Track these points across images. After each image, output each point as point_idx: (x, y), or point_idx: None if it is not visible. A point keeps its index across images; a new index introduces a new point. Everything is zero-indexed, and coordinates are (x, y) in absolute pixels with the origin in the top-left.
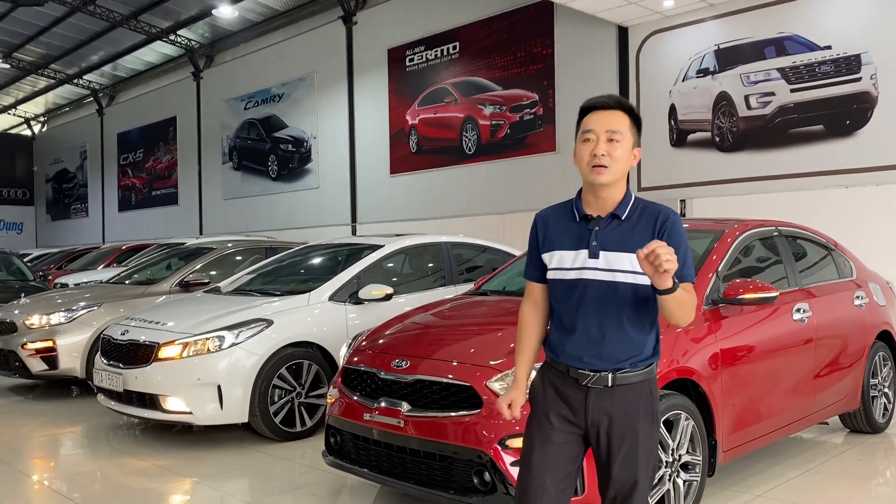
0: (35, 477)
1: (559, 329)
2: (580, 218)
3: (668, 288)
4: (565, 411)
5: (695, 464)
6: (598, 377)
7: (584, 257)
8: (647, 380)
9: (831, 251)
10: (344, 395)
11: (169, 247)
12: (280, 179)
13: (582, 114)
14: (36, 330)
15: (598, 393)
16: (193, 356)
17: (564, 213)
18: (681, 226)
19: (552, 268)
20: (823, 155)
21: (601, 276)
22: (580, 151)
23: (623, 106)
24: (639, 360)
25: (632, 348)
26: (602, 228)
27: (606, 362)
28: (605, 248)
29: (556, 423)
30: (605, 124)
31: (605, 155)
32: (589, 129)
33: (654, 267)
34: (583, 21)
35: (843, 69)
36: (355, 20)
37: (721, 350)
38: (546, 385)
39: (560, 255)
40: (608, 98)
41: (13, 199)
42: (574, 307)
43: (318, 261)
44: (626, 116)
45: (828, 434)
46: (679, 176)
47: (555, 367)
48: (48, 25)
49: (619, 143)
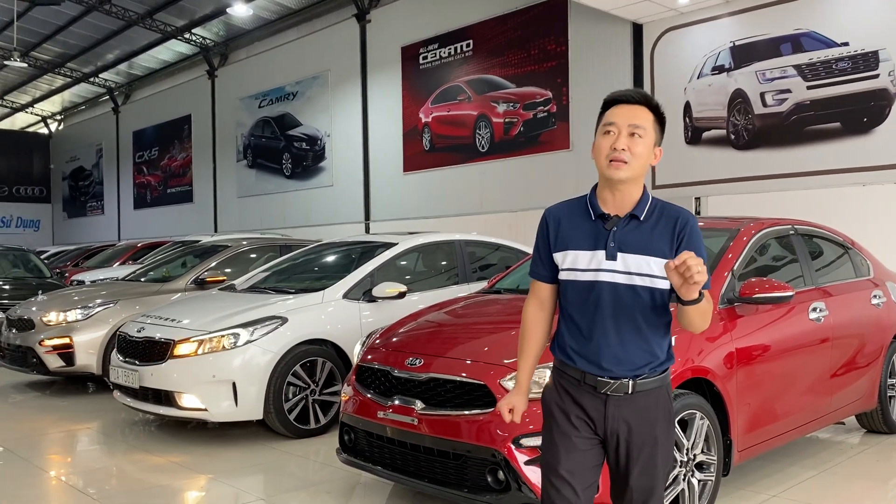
0: (52, 472)
1: (573, 333)
2: (596, 216)
3: (695, 299)
4: (585, 418)
5: (710, 463)
6: (619, 384)
7: (601, 258)
8: (663, 385)
9: (848, 250)
10: (358, 393)
11: (184, 244)
12: (294, 177)
13: (605, 107)
14: (53, 327)
15: (618, 401)
16: (209, 353)
17: (578, 211)
18: (699, 231)
19: (565, 268)
20: (840, 153)
21: (619, 278)
22: (599, 144)
23: (649, 102)
24: (656, 366)
25: (650, 353)
26: (620, 229)
27: (626, 369)
28: (623, 250)
29: (581, 429)
30: (628, 118)
31: (625, 150)
32: (611, 121)
33: (683, 278)
34: (597, 18)
35: (861, 66)
36: (369, 18)
37: (736, 349)
38: (561, 391)
39: (574, 254)
40: (634, 92)
41: (30, 197)
42: (591, 311)
43: (332, 259)
44: (650, 113)
45: (844, 434)
46: (694, 174)
47: (567, 374)
48: (65, 24)
49: (641, 138)
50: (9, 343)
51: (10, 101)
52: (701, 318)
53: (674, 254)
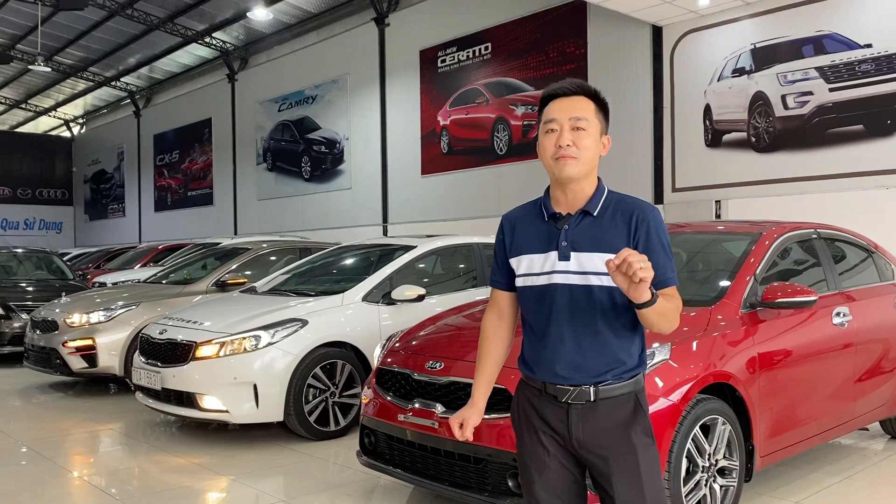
0: (75, 472)
1: (531, 342)
2: (549, 217)
3: (647, 301)
4: (550, 433)
5: (731, 469)
6: (579, 392)
7: (554, 260)
8: (634, 391)
9: (872, 254)
10: (378, 396)
11: (205, 247)
12: (313, 180)
13: (543, 103)
14: (76, 328)
15: (581, 410)
16: (230, 355)
17: (533, 214)
18: (661, 222)
19: (521, 274)
20: (863, 155)
21: (573, 279)
22: (543, 144)
23: (587, 91)
24: (623, 371)
25: (613, 358)
26: (572, 227)
27: (586, 375)
28: (576, 249)
29: (549, 446)
30: (568, 112)
31: (570, 145)
32: (551, 118)
33: (627, 278)
34: (616, 21)
35: (884, 68)
36: (388, 22)
37: (759, 354)
38: (525, 405)
39: (529, 259)
40: (569, 83)
41: (53, 200)
42: (545, 316)
43: (351, 261)
44: (590, 102)
45: (868, 440)
46: (714, 176)
47: (530, 385)
48: (87, 29)
49: (585, 131)
50: (33, 344)
51: (34, 104)
52: (661, 320)
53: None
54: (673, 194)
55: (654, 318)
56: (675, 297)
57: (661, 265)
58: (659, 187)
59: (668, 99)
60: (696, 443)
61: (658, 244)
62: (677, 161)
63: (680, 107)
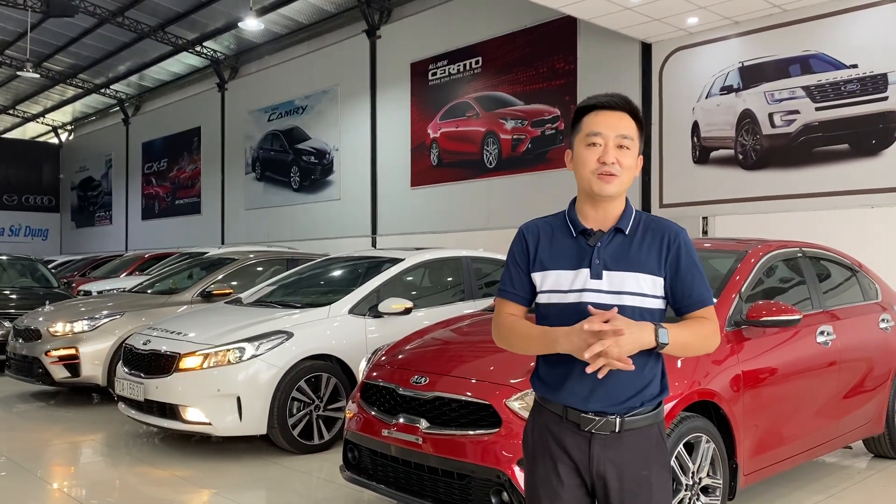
0: (55, 484)
1: (553, 364)
2: (578, 233)
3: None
4: (569, 462)
5: (715, 487)
6: (605, 422)
7: (586, 278)
8: (655, 423)
9: (856, 273)
10: (363, 410)
11: (191, 256)
12: (302, 190)
13: (582, 112)
14: (59, 337)
15: (604, 440)
16: (214, 367)
17: (557, 227)
18: (690, 243)
19: (545, 290)
20: (848, 174)
21: (604, 298)
22: (583, 156)
23: (632, 108)
24: (647, 400)
25: (640, 385)
26: (605, 245)
27: (612, 404)
28: (609, 268)
29: (564, 478)
30: (615, 128)
31: (615, 163)
32: (596, 131)
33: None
34: (606, 37)
35: (870, 88)
36: (379, 34)
37: (743, 372)
38: (543, 431)
39: (556, 275)
40: (616, 97)
41: (39, 206)
42: None
43: (338, 273)
44: (633, 121)
45: (851, 459)
46: (701, 193)
47: (549, 410)
48: (77, 36)
49: (629, 150)
50: (15, 353)
51: (22, 110)
52: (685, 351)
53: (664, 271)
54: (660, 210)
55: (679, 352)
56: (710, 318)
57: (697, 286)
58: (646, 203)
59: (657, 115)
60: (680, 461)
61: (692, 265)
62: (665, 177)
63: (668, 123)
